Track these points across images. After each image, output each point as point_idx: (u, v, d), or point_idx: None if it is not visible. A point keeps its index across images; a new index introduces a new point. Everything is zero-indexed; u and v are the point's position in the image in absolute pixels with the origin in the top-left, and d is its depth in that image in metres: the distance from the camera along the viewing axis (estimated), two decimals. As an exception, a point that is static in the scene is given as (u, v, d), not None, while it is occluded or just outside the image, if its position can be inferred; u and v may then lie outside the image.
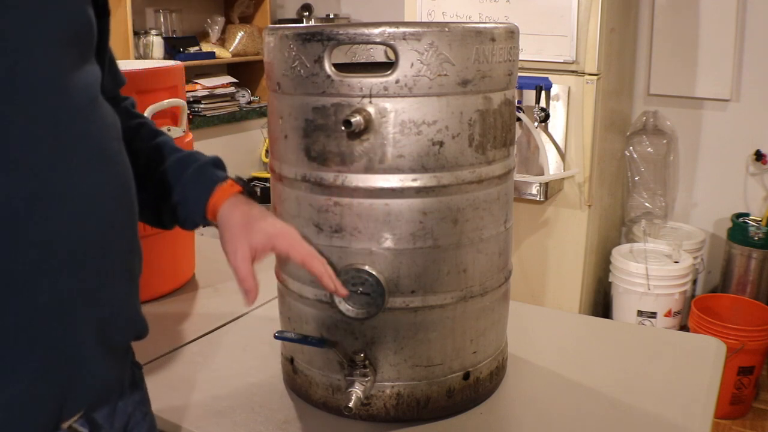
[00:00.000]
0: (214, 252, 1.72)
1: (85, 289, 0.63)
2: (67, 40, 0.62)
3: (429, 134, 0.85)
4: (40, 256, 0.59)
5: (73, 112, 0.62)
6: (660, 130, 2.93)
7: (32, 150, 0.58)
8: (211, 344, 1.21)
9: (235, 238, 0.80)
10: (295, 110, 0.89)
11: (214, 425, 0.96)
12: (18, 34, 0.57)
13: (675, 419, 0.96)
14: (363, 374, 0.90)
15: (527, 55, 2.33)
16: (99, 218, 0.64)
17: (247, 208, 0.83)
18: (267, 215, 0.83)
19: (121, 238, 0.69)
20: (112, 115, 0.71)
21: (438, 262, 0.90)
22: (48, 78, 0.60)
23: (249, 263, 0.80)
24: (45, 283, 0.59)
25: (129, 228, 0.71)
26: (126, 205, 0.70)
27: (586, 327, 1.32)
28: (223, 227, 0.82)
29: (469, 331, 0.95)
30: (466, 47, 0.84)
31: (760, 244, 2.68)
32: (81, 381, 0.65)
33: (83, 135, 0.63)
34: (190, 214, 0.85)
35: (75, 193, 0.61)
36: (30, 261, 0.58)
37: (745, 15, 2.74)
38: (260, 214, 0.83)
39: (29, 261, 0.58)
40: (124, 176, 0.70)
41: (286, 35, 0.87)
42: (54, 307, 0.60)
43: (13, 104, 0.57)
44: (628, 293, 2.63)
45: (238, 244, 0.80)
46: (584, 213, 2.46)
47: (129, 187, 0.71)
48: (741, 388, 2.43)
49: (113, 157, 0.68)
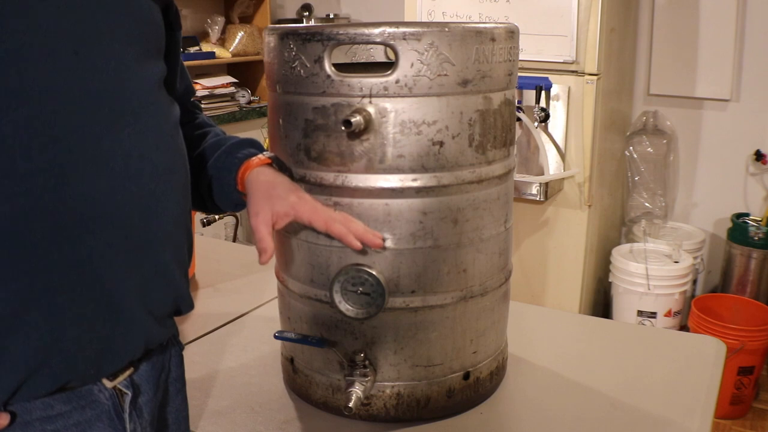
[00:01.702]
0: (214, 252, 1.72)
1: (128, 249, 0.66)
2: (134, 37, 0.68)
3: (429, 134, 0.85)
4: (85, 211, 0.62)
5: (130, 93, 0.67)
6: (660, 130, 2.93)
7: (88, 121, 0.62)
8: (211, 344, 1.21)
9: (258, 201, 0.84)
10: (295, 110, 0.89)
11: (214, 425, 0.96)
12: (86, 28, 0.62)
13: (675, 419, 0.96)
14: (363, 374, 0.90)
15: (527, 55, 2.32)
16: (142, 187, 0.67)
17: (273, 177, 0.86)
18: (293, 186, 0.86)
19: (166, 212, 0.71)
20: (171, 104, 0.75)
21: (438, 262, 0.90)
22: (111, 66, 0.64)
23: (269, 226, 0.83)
24: (89, 236, 0.62)
25: (174, 206, 0.73)
26: (172, 185, 0.73)
27: (586, 327, 1.32)
28: (249, 192, 0.86)
29: (469, 331, 0.95)
30: (466, 47, 0.84)
31: (760, 244, 2.68)
32: (121, 335, 0.67)
33: (137, 112, 0.67)
34: (224, 188, 0.89)
35: (121, 159, 0.64)
36: (77, 214, 0.61)
37: (745, 15, 2.74)
38: (286, 184, 0.86)
39: (76, 213, 0.61)
40: (173, 159, 0.73)
41: (286, 35, 0.87)
42: (97, 259, 0.63)
43: (77, 82, 0.61)
44: (628, 293, 2.63)
45: (260, 207, 0.83)
46: (584, 213, 2.46)
47: (177, 169, 0.74)
48: (741, 388, 2.43)
49: (164, 137, 0.71)
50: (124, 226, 0.65)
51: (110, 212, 0.64)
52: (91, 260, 0.63)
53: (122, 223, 0.65)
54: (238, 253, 1.76)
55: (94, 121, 0.62)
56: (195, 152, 0.90)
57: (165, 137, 0.72)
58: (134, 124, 0.66)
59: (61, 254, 0.61)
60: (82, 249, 0.62)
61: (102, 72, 0.63)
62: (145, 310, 0.70)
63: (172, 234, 0.73)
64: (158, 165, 0.69)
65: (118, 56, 0.65)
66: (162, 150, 0.70)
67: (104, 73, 0.64)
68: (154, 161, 0.69)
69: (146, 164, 0.67)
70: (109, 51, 0.64)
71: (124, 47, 0.66)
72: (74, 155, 0.61)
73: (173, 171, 0.73)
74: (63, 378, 0.64)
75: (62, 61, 0.60)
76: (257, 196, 0.84)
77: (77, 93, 0.61)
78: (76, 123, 0.61)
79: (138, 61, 0.68)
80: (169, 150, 0.72)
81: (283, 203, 0.83)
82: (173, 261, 0.74)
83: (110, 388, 0.69)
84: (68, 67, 0.61)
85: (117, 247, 0.65)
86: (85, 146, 0.62)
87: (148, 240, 0.69)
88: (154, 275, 0.70)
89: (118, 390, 0.70)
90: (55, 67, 0.60)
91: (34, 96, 0.58)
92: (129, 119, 0.66)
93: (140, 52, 0.69)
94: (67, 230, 0.61)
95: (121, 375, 0.70)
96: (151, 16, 0.72)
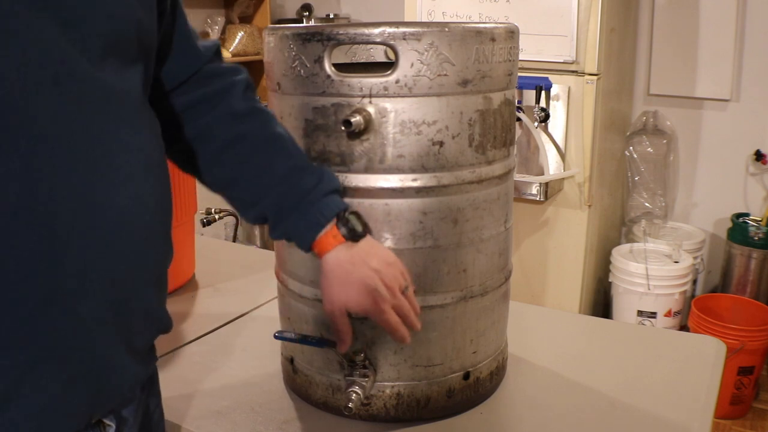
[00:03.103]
0: (214, 252, 1.72)
1: (120, 299, 0.64)
2: (111, 46, 0.62)
3: (429, 134, 0.85)
4: (82, 274, 0.59)
5: (119, 122, 0.63)
6: (660, 130, 2.93)
7: (74, 167, 0.58)
8: (210, 344, 1.21)
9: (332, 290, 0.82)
10: (295, 110, 0.89)
11: (214, 425, 0.96)
12: (60, 42, 0.57)
13: (675, 419, 0.96)
14: (363, 374, 0.90)
15: (527, 55, 2.32)
16: (138, 232, 0.65)
17: (349, 257, 0.81)
18: (366, 263, 0.81)
19: (158, 248, 0.70)
20: (155, 122, 0.71)
21: (438, 262, 0.90)
22: (93, 88, 0.60)
23: (345, 316, 0.83)
24: (84, 300, 0.60)
25: (164, 236, 0.72)
26: (163, 216, 0.71)
27: (586, 327, 1.32)
28: (323, 274, 0.83)
29: (469, 331, 0.95)
30: (466, 47, 0.84)
31: (760, 244, 2.68)
32: (110, 384, 0.66)
33: (127, 147, 0.64)
34: (293, 240, 0.85)
35: (116, 209, 0.62)
36: (72, 278, 0.59)
37: (745, 15, 2.74)
38: (359, 263, 0.81)
39: (71, 278, 0.59)
40: (164, 186, 0.71)
41: (286, 35, 0.87)
42: (90, 320, 0.61)
43: (58, 117, 0.57)
44: (628, 293, 2.63)
45: (336, 303, 0.82)
46: (584, 213, 2.46)
47: (167, 197, 0.72)
48: (741, 388, 2.43)
49: (155, 168, 0.69)
50: (115, 283, 0.63)
51: (104, 266, 0.61)
52: (83, 325, 0.61)
53: (113, 279, 0.63)
54: (238, 253, 1.76)
55: (81, 168, 0.59)
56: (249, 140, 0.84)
57: (156, 166, 0.69)
58: (127, 159, 0.63)
59: (57, 320, 0.59)
60: (75, 313, 0.60)
61: (84, 99, 0.59)
62: (133, 352, 0.69)
63: (161, 268, 0.72)
64: (152, 203, 0.67)
65: (102, 72, 0.61)
66: (154, 185, 0.68)
67: (87, 100, 0.60)
68: (148, 200, 0.66)
69: (141, 207, 0.65)
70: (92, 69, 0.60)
71: (105, 63, 0.62)
72: (63, 204, 0.57)
73: (163, 204, 0.71)
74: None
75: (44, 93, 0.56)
76: (330, 282, 0.82)
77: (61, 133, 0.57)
78: (63, 172, 0.57)
79: (120, 76, 0.64)
80: (160, 184, 0.70)
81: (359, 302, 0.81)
82: (158, 299, 0.73)
83: (93, 422, 0.68)
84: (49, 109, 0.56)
85: (109, 303, 0.63)
86: (80, 199, 0.58)
87: (137, 290, 0.67)
88: (142, 320, 0.69)
89: (101, 423, 0.69)
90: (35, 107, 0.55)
91: (20, 147, 0.54)
92: (122, 155, 0.63)
93: (121, 64, 0.64)
94: (58, 296, 0.58)
95: (106, 413, 0.69)
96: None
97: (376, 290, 0.80)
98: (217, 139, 0.83)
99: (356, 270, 0.80)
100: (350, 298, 0.81)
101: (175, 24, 0.79)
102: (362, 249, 0.81)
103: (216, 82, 0.84)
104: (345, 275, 0.81)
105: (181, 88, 0.82)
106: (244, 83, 0.86)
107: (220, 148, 0.83)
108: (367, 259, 0.81)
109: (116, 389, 0.68)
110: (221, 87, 0.84)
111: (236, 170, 0.83)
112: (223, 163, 0.83)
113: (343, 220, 0.81)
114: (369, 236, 0.83)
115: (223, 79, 0.84)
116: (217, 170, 0.84)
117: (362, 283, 0.80)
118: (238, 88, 0.85)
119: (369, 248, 0.82)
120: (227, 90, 0.84)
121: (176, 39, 0.79)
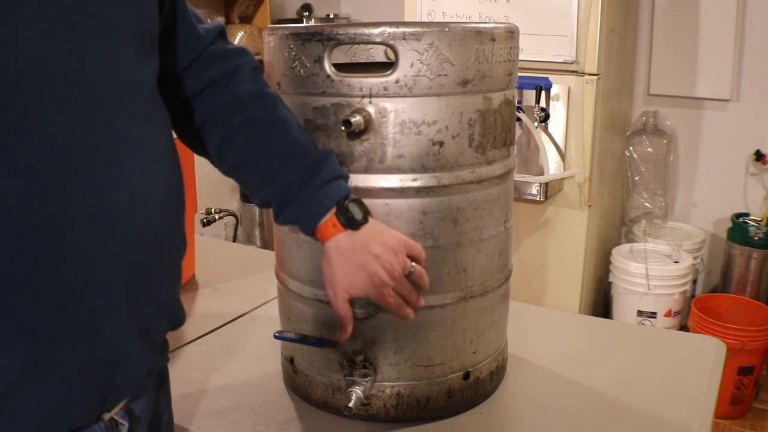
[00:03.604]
0: (214, 252, 1.72)
1: (132, 290, 0.64)
2: (127, 36, 0.62)
3: (429, 134, 0.85)
4: (92, 264, 0.59)
5: (131, 113, 0.63)
6: (660, 130, 2.93)
7: (88, 158, 0.58)
8: (211, 344, 1.21)
9: (334, 276, 0.83)
10: (295, 110, 0.89)
11: (214, 425, 0.96)
12: (77, 32, 0.57)
13: (675, 419, 0.96)
14: (363, 374, 0.90)
15: (527, 55, 2.32)
16: (149, 223, 0.64)
17: (350, 244, 0.82)
18: (366, 249, 0.82)
19: (170, 239, 0.70)
20: (164, 110, 0.71)
21: (438, 262, 0.90)
22: (107, 78, 0.60)
23: (347, 304, 0.84)
24: (95, 290, 0.60)
25: (177, 228, 0.71)
26: (175, 206, 0.70)
27: (586, 327, 1.32)
28: (324, 259, 0.83)
29: (469, 331, 0.95)
30: (466, 47, 0.84)
31: (760, 244, 2.68)
32: (122, 375, 0.66)
33: (139, 138, 0.64)
34: (297, 224, 0.85)
35: (128, 199, 0.61)
36: (83, 268, 0.59)
37: (745, 15, 2.74)
38: (359, 250, 0.82)
39: (82, 269, 0.58)
40: (175, 176, 0.71)
41: (286, 35, 0.87)
42: (101, 311, 0.61)
43: (72, 108, 0.57)
44: (628, 293, 2.63)
45: (338, 286, 0.83)
46: (584, 213, 2.46)
47: (179, 187, 0.72)
48: (741, 388, 2.43)
49: (166, 158, 0.69)
50: (127, 273, 0.63)
51: (113, 260, 0.61)
52: (93, 315, 0.60)
53: (126, 269, 0.62)
54: (238, 253, 1.76)
55: (95, 158, 0.59)
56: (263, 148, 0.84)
57: (167, 156, 0.69)
58: (139, 150, 0.63)
59: (64, 312, 0.58)
60: (84, 304, 0.59)
61: (97, 91, 0.59)
62: (145, 343, 0.68)
63: (173, 267, 0.72)
64: (164, 194, 0.67)
65: (116, 63, 0.61)
66: (166, 176, 0.68)
67: (101, 91, 0.60)
68: (160, 191, 0.66)
69: (154, 197, 0.65)
70: (106, 59, 0.60)
71: (121, 53, 0.62)
72: (72, 201, 0.57)
73: (175, 195, 0.70)
74: (68, 427, 0.62)
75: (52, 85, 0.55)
76: (332, 270, 0.83)
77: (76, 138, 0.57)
78: (76, 165, 0.57)
79: (134, 67, 0.64)
80: (172, 174, 0.69)
81: (360, 287, 0.82)
82: (172, 290, 0.73)
83: (107, 419, 0.67)
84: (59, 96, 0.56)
85: (120, 294, 0.62)
86: (92, 190, 0.58)
87: (151, 281, 0.67)
88: (155, 311, 0.69)
89: (114, 421, 0.68)
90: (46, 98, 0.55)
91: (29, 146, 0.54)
92: (134, 146, 0.63)
93: (134, 54, 0.64)
94: (68, 286, 0.58)
95: (117, 405, 0.68)
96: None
97: (376, 275, 0.81)
98: (224, 124, 0.83)
99: (356, 257, 0.81)
100: (351, 284, 0.82)
101: (176, 9, 0.79)
102: (365, 235, 0.82)
103: (222, 65, 0.84)
104: (345, 261, 0.82)
105: (185, 73, 0.82)
106: (251, 65, 0.86)
107: (228, 133, 0.83)
108: (368, 245, 0.81)
109: (128, 378, 0.67)
110: (227, 69, 0.84)
111: (243, 154, 0.84)
112: (230, 148, 0.84)
113: (343, 209, 0.81)
114: (373, 221, 0.84)
115: (229, 62, 0.84)
116: (225, 154, 0.85)
117: (362, 269, 0.81)
118: (245, 71, 0.85)
119: (372, 233, 0.82)
120: (233, 73, 0.84)
121: (178, 24, 0.79)
